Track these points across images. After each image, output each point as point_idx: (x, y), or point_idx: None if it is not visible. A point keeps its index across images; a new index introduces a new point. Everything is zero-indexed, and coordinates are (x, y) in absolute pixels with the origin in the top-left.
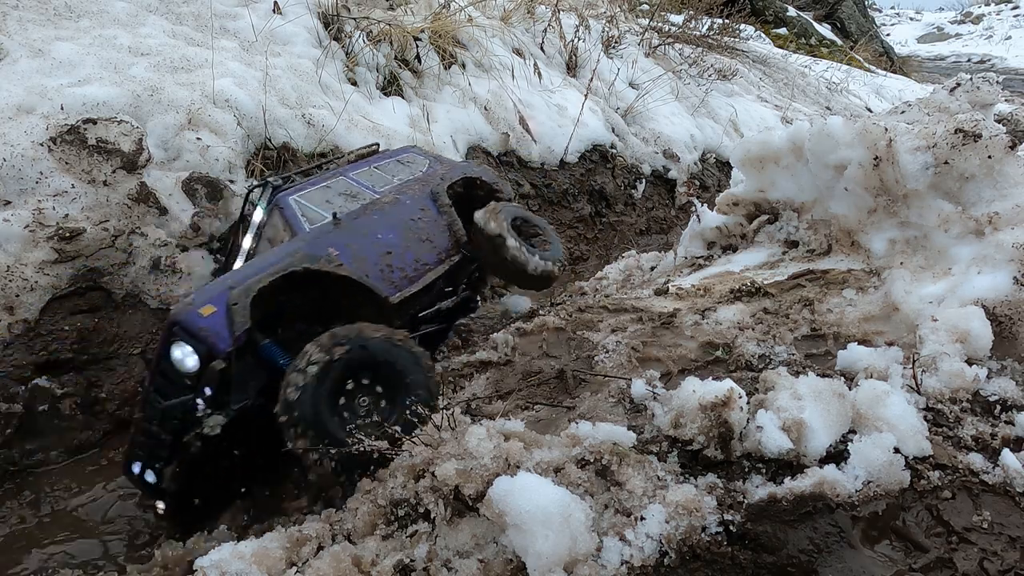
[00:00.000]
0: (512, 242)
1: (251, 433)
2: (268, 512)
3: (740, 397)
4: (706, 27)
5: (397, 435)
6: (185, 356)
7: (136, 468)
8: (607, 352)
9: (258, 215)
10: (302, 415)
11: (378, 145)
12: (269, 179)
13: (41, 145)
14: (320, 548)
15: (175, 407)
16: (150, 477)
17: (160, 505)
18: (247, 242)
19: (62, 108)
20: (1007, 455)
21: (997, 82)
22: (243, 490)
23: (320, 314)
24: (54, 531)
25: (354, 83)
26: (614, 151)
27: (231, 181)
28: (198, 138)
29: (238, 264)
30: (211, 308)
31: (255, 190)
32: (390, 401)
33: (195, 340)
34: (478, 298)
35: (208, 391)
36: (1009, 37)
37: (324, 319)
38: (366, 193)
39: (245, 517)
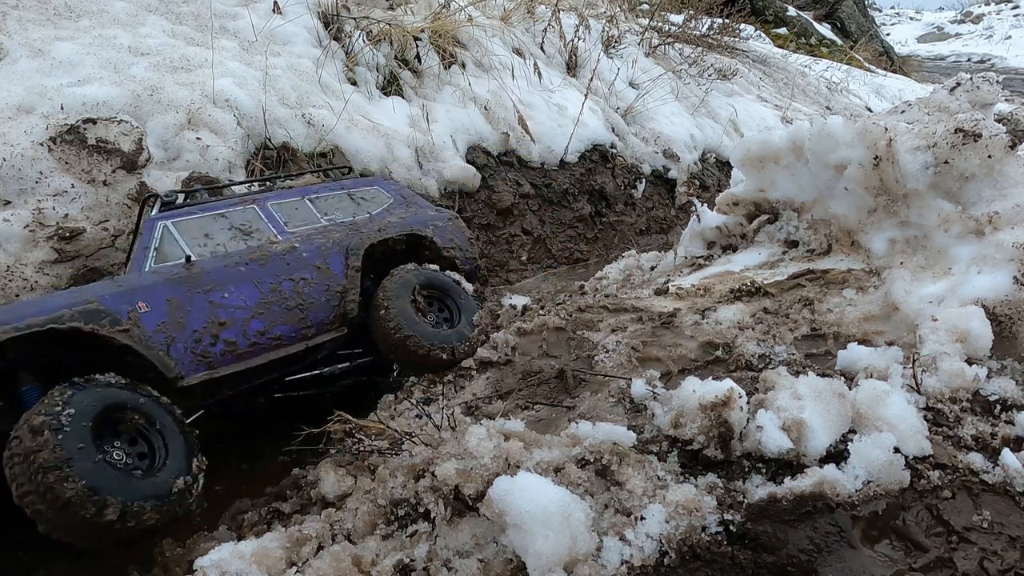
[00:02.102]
0: (395, 318)
1: None
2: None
3: (740, 397)
4: (706, 27)
5: (397, 434)
6: None
7: None
8: (607, 352)
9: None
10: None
11: (350, 169)
12: (164, 193)
13: (41, 145)
14: (320, 548)
15: None
16: None
17: None
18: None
19: (62, 108)
20: (1007, 455)
21: (997, 82)
22: None
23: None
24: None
25: (354, 83)
26: (614, 151)
27: (231, 181)
28: (198, 138)
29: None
30: None
31: (149, 200)
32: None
33: None
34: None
35: None
36: (1009, 37)
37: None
38: (264, 233)
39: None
